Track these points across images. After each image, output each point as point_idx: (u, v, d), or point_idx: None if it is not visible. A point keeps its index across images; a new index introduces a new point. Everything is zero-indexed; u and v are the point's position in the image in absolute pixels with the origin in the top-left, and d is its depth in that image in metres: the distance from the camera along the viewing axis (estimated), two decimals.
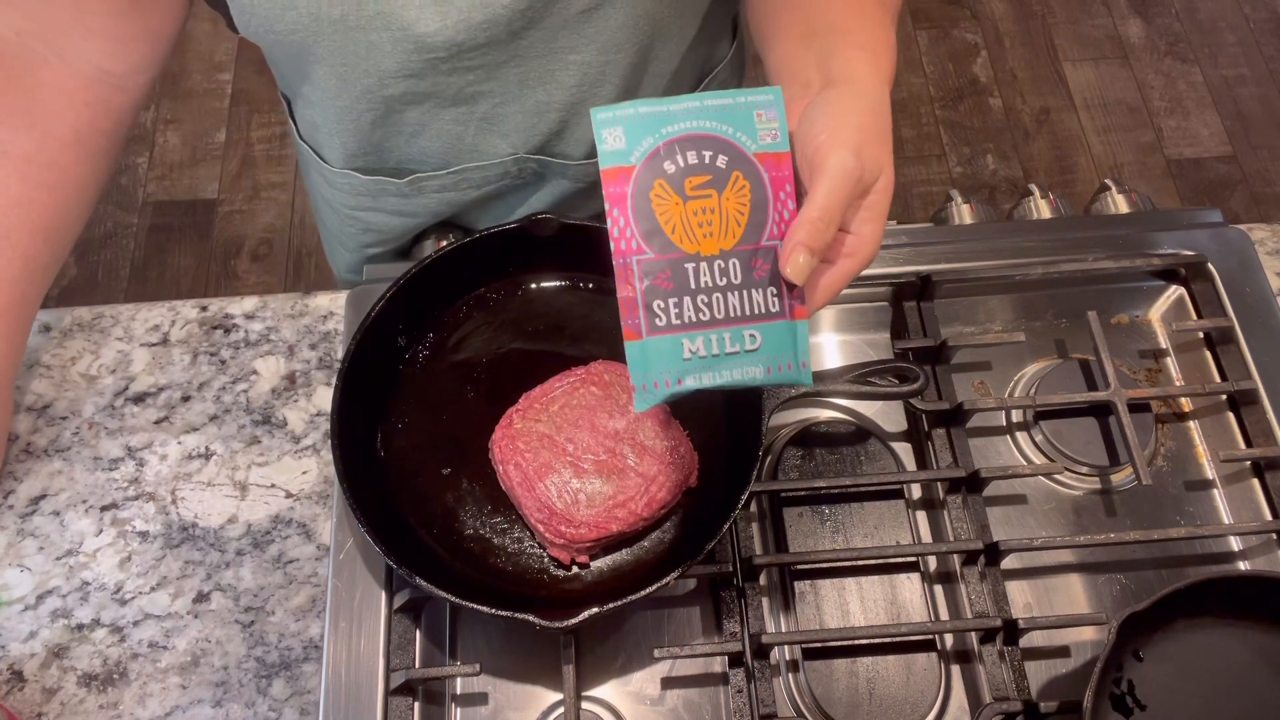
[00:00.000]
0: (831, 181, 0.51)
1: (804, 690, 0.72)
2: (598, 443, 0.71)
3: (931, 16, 2.46)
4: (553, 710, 0.71)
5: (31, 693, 0.72)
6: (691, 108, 0.51)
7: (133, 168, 2.19)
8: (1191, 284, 0.87)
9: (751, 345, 0.50)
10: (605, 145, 0.51)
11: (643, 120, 0.51)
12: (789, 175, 0.53)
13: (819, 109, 0.54)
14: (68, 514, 0.78)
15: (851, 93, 0.56)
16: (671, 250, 0.50)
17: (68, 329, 0.85)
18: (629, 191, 0.51)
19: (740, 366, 0.51)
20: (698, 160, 0.51)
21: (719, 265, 0.50)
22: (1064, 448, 0.80)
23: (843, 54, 0.59)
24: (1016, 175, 2.25)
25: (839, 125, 0.53)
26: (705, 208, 0.51)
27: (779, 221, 0.52)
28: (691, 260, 0.50)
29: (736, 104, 0.52)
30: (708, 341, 0.50)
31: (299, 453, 0.80)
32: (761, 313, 0.51)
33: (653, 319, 0.50)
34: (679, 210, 0.50)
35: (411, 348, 0.79)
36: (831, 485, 0.76)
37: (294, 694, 0.72)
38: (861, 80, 0.57)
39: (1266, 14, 2.46)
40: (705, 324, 0.50)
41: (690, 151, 0.51)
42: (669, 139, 0.51)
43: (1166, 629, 0.68)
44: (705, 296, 0.50)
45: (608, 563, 0.72)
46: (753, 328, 0.50)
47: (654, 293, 0.50)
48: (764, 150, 0.53)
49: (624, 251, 0.51)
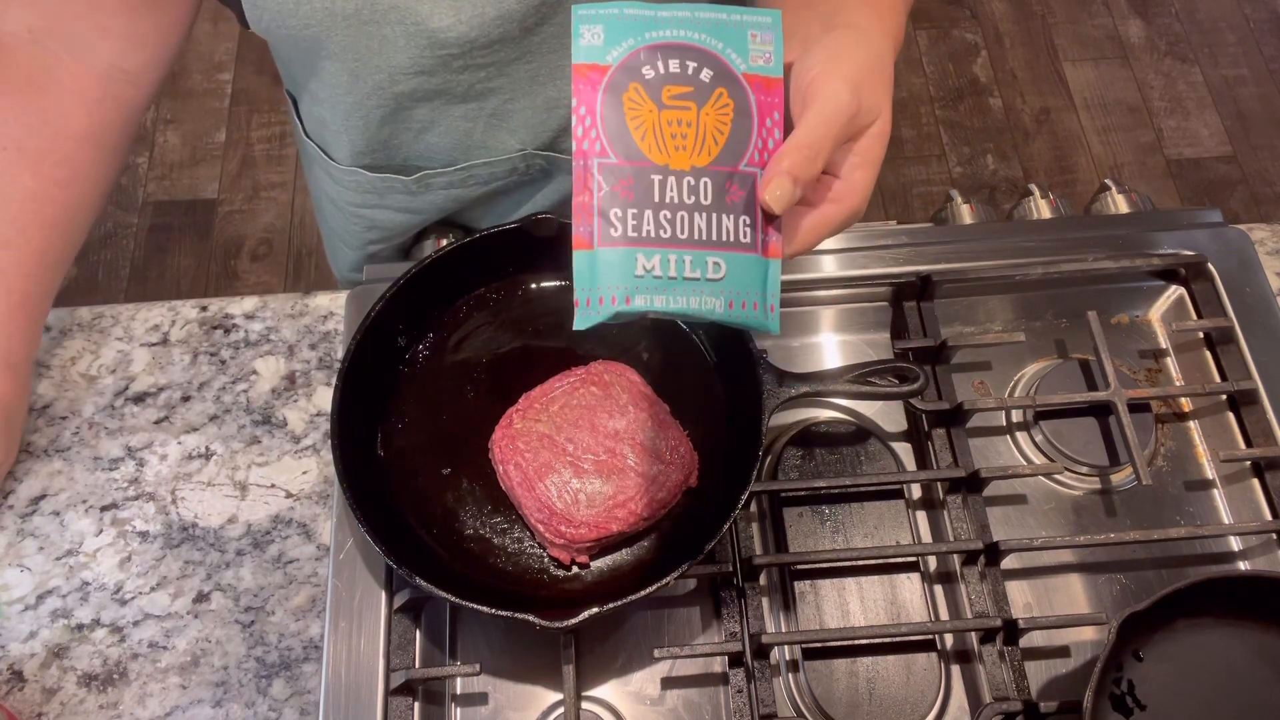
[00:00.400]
0: (823, 111, 0.49)
1: (804, 690, 0.72)
2: (598, 443, 0.71)
3: (931, 16, 2.46)
4: (553, 710, 0.71)
5: (31, 693, 0.72)
6: (681, 17, 0.48)
7: (133, 168, 2.19)
8: (1191, 284, 0.87)
9: (715, 274, 0.46)
10: (581, 40, 0.47)
11: (626, 21, 0.48)
12: (779, 103, 0.50)
13: (818, 47, 0.52)
14: (68, 514, 0.78)
15: (854, 36, 0.53)
16: (638, 158, 0.46)
17: (68, 329, 0.85)
18: (600, 89, 0.47)
19: (699, 295, 0.46)
20: (680, 70, 0.47)
21: (689, 181, 0.46)
22: (1064, 448, 0.80)
23: (847, 9, 0.57)
24: (1016, 175, 2.25)
25: (837, 60, 0.51)
26: (681, 119, 0.47)
27: (761, 149, 0.48)
28: (659, 172, 0.46)
29: (731, 20, 0.49)
30: (665, 261, 0.46)
31: (299, 453, 0.80)
32: (730, 240, 0.46)
33: (608, 228, 0.46)
34: (652, 117, 0.47)
35: (411, 348, 0.79)
36: (831, 485, 0.76)
37: (294, 694, 0.72)
38: (865, 28, 0.55)
39: (1266, 14, 2.46)
40: (665, 242, 0.46)
41: (673, 60, 0.48)
42: (652, 44, 0.48)
43: (1166, 629, 0.68)
44: (669, 212, 0.46)
45: (608, 563, 0.72)
46: (719, 255, 0.46)
47: (612, 200, 0.46)
48: (754, 72, 0.49)
49: (585, 152, 0.47)
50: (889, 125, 0.53)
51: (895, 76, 0.57)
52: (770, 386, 0.72)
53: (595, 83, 0.47)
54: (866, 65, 0.51)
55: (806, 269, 0.85)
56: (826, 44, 0.52)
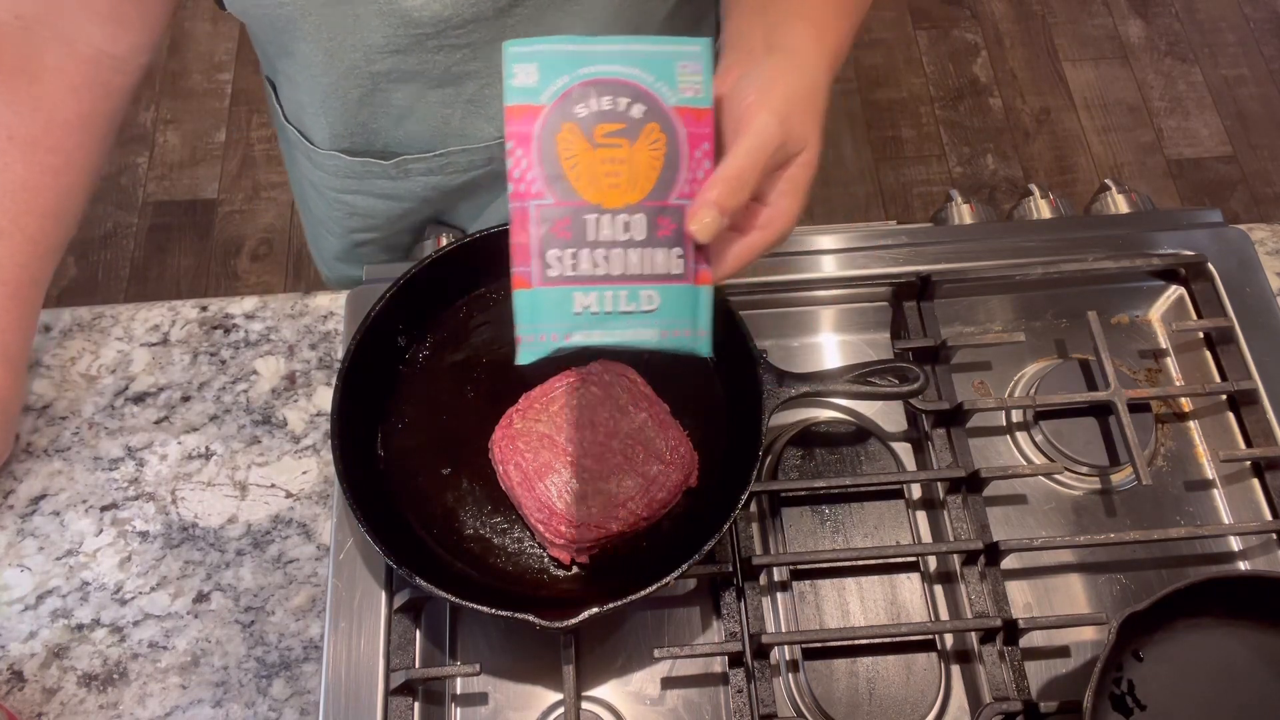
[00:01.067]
0: (751, 142, 0.50)
1: (804, 690, 0.72)
2: (598, 443, 0.71)
3: (931, 16, 2.46)
4: (553, 710, 0.71)
5: (31, 693, 0.72)
6: (613, 50, 0.49)
7: (133, 168, 2.19)
8: (1191, 284, 0.87)
9: (649, 306, 0.48)
10: (514, 80, 0.48)
11: (560, 58, 0.49)
12: (708, 134, 0.50)
13: (752, 74, 0.54)
14: (68, 514, 0.78)
15: (788, 62, 0.55)
16: (573, 198, 0.48)
17: (68, 329, 0.85)
18: (535, 131, 0.48)
19: (634, 327, 0.48)
20: (612, 106, 0.49)
21: (622, 219, 0.48)
22: (1064, 448, 0.80)
23: (789, 25, 0.59)
24: (1016, 175, 2.25)
25: (768, 90, 0.52)
26: (614, 158, 0.48)
27: (691, 180, 0.50)
28: (593, 211, 0.48)
29: (661, 52, 0.50)
30: (601, 297, 0.48)
31: (299, 453, 0.80)
32: (663, 273, 0.48)
33: (545, 268, 0.48)
34: (586, 157, 0.48)
35: (411, 348, 0.79)
36: (831, 485, 0.76)
37: (294, 694, 0.72)
38: (801, 52, 0.57)
39: (1266, 14, 2.46)
40: (601, 279, 0.48)
41: (606, 96, 0.49)
42: (585, 80, 0.49)
43: (1166, 629, 0.68)
44: (604, 250, 0.48)
45: (608, 563, 0.72)
46: (652, 288, 0.48)
47: (550, 241, 0.48)
48: (683, 104, 0.50)
49: (522, 195, 0.48)
50: (816, 154, 0.54)
51: (895, 77, 0.58)
52: (770, 386, 0.72)
53: (530, 124, 0.48)
54: (798, 94, 0.53)
55: (806, 269, 0.85)
56: (761, 71, 0.54)
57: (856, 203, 2.21)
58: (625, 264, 0.48)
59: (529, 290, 0.48)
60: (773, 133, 0.51)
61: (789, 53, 0.57)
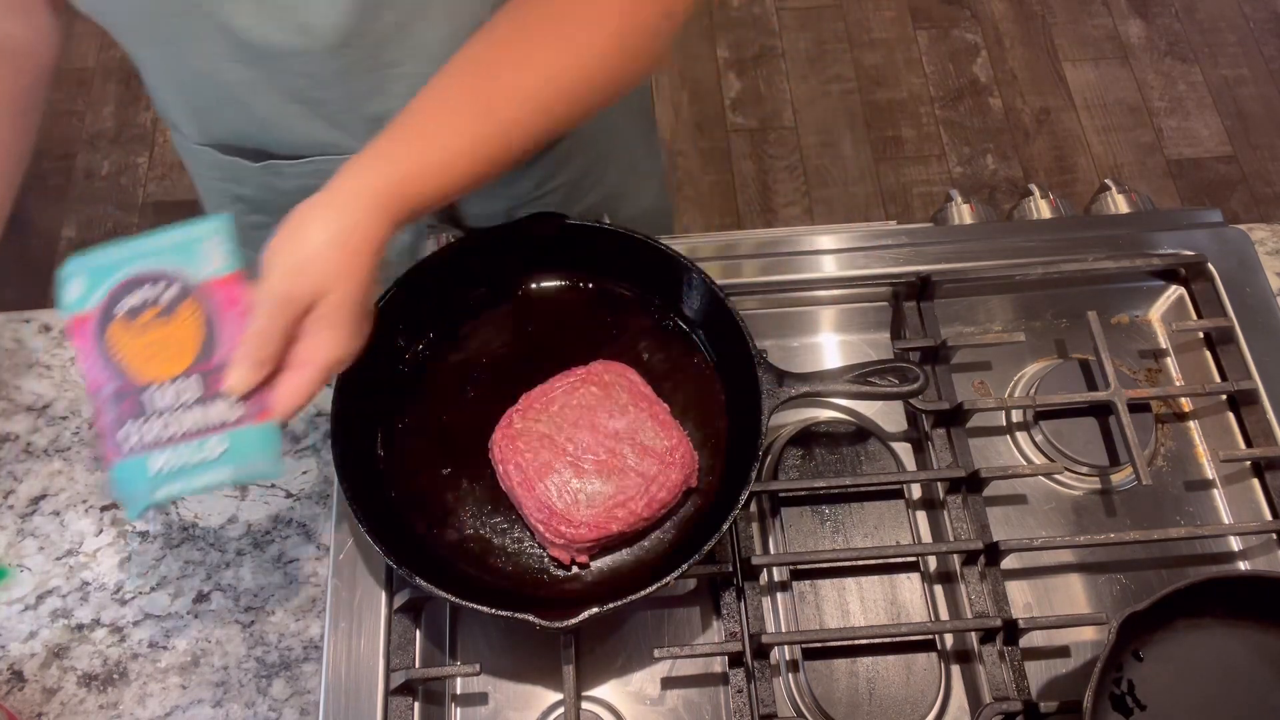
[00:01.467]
0: (265, 302, 0.57)
1: (804, 690, 0.72)
2: (598, 443, 0.71)
3: (931, 16, 2.46)
4: (553, 710, 0.71)
5: (31, 693, 0.72)
6: (143, 248, 0.58)
7: (133, 168, 2.19)
8: (1191, 284, 0.87)
9: (219, 450, 0.56)
10: (67, 296, 0.57)
11: (99, 268, 0.58)
12: (239, 295, 0.58)
13: (289, 219, 0.58)
14: (68, 514, 0.78)
15: (324, 206, 0.58)
16: (129, 381, 0.56)
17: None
18: (89, 334, 0.57)
19: (208, 472, 0.56)
20: (149, 296, 0.57)
21: (175, 388, 0.56)
22: (1064, 448, 0.80)
23: (370, 153, 0.60)
24: (1016, 175, 2.25)
25: (283, 245, 0.57)
26: (157, 338, 0.56)
27: (232, 339, 0.57)
28: (149, 387, 0.56)
29: (186, 238, 0.59)
30: (173, 456, 0.56)
31: (299, 453, 0.80)
32: (224, 422, 0.56)
33: (122, 444, 0.56)
34: (134, 343, 0.56)
35: (411, 348, 0.79)
36: (831, 485, 0.76)
37: (294, 694, 0.72)
38: (345, 193, 0.58)
39: (1266, 14, 2.46)
40: (169, 441, 0.56)
41: (142, 288, 0.57)
42: (123, 280, 0.58)
43: (1166, 629, 0.68)
44: (167, 417, 0.56)
45: (608, 563, 0.72)
46: (216, 437, 0.56)
47: (120, 421, 0.56)
48: (211, 276, 0.58)
49: (92, 387, 0.57)
50: (347, 291, 0.57)
51: (895, 77, 0.58)
52: (770, 386, 0.72)
53: (86, 328, 0.57)
54: (316, 245, 0.57)
55: (806, 269, 0.85)
56: (291, 218, 0.58)
57: (856, 203, 2.21)
58: (188, 423, 0.56)
59: (112, 465, 0.56)
60: (278, 293, 0.56)
61: (329, 193, 0.59)
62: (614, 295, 0.81)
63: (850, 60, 2.39)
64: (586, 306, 0.81)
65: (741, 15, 2.47)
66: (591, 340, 0.79)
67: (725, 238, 0.93)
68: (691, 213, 2.20)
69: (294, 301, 0.56)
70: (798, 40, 2.43)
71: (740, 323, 0.74)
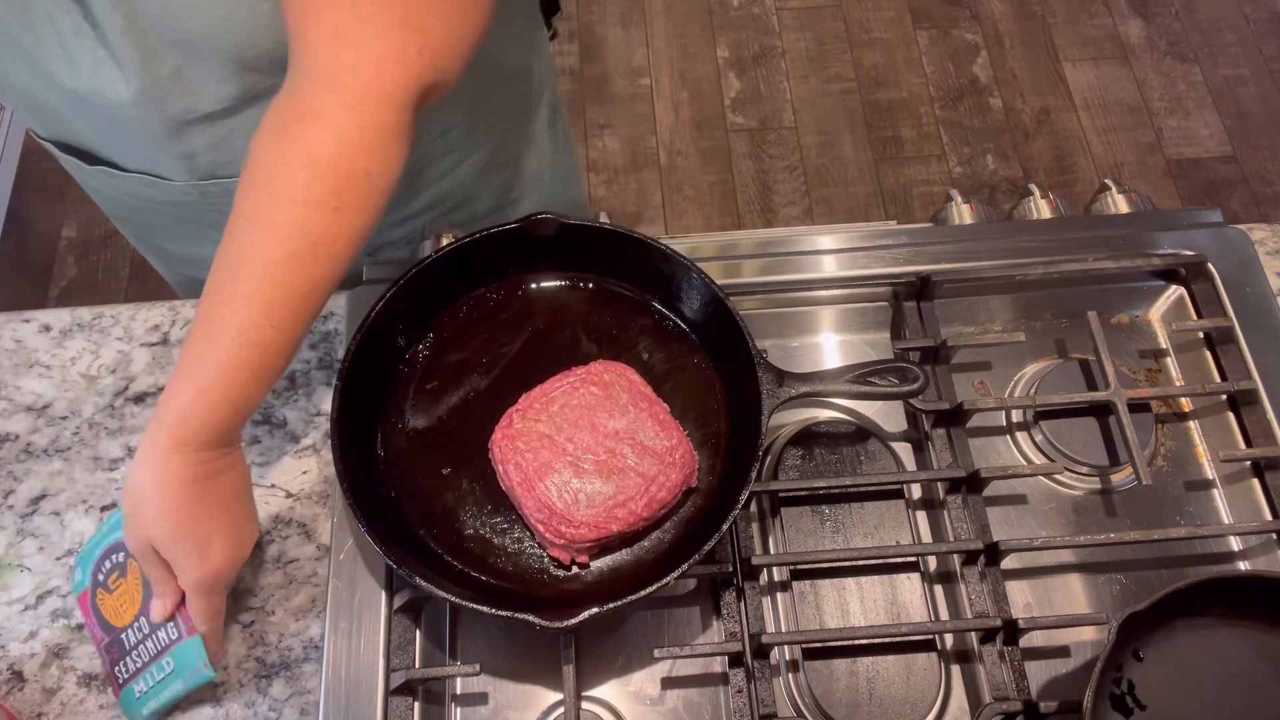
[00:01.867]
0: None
1: (804, 690, 0.72)
2: (598, 443, 0.71)
3: (931, 16, 2.46)
4: (553, 710, 0.71)
5: (31, 693, 0.72)
6: (105, 531, 0.72)
7: None
8: (1191, 284, 0.87)
9: (170, 668, 0.68)
10: (75, 580, 0.74)
11: (87, 553, 0.73)
12: None
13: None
14: (68, 514, 0.78)
15: (138, 462, 0.63)
16: (114, 630, 0.71)
17: (68, 329, 0.85)
18: (89, 605, 0.72)
19: (169, 685, 0.69)
20: (113, 563, 0.72)
21: (137, 626, 0.70)
22: (1064, 448, 0.80)
23: (162, 398, 0.63)
24: (1016, 175, 2.25)
25: (124, 498, 0.65)
26: (121, 592, 0.71)
27: None
28: (124, 631, 0.70)
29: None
30: (144, 679, 0.69)
31: (299, 453, 0.80)
32: (169, 643, 0.69)
33: (118, 679, 0.71)
34: (111, 601, 0.71)
35: (411, 348, 0.79)
36: (831, 485, 0.76)
37: (294, 694, 0.72)
38: (147, 442, 0.63)
39: (1266, 14, 2.46)
40: (140, 668, 0.70)
41: (110, 558, 0.72)
42: (99, 556, 0.72)
43: (1166, 629, 0.68)
44: (137, 650, 0.70)
45: (608, 563, 0.72)
46: (166, 656, 0.69)
47: (114, 662, 0.71)
48: None
49: (97, 644, 0.72)
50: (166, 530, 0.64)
51: (895, 77, 0.57)
52: (770, 386, 0.72)
53: (86, 602, 0.73)
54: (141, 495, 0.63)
55: (807, 269, 0.85)
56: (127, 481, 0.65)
57: (856, 203, 2.21)
58: (148, 651, 0.69)
59: (118, 699, 0.71)
60: (128, 541, 0.66)
61: (141, 444, 0.64)
62: (614, 295, 0.81)
63: (850, 60, 2.39)
64: (586, 306, 0.81)
65: (741, 15, 2.47)
66: (591, 340, 0.79)
67: (725, 238, 0.93)
68: (691, 213, 2.21)
69: (138, 547, 0.65)
70: (797, 40, 2.43)
71: (740, 323, 0.74)
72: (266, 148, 0.62)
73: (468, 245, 0.77)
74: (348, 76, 0.60)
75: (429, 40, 0.61)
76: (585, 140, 2.30)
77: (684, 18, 2.46)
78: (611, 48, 2.43)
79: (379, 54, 0.60)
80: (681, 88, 2.36)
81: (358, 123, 0.61)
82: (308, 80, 0.61)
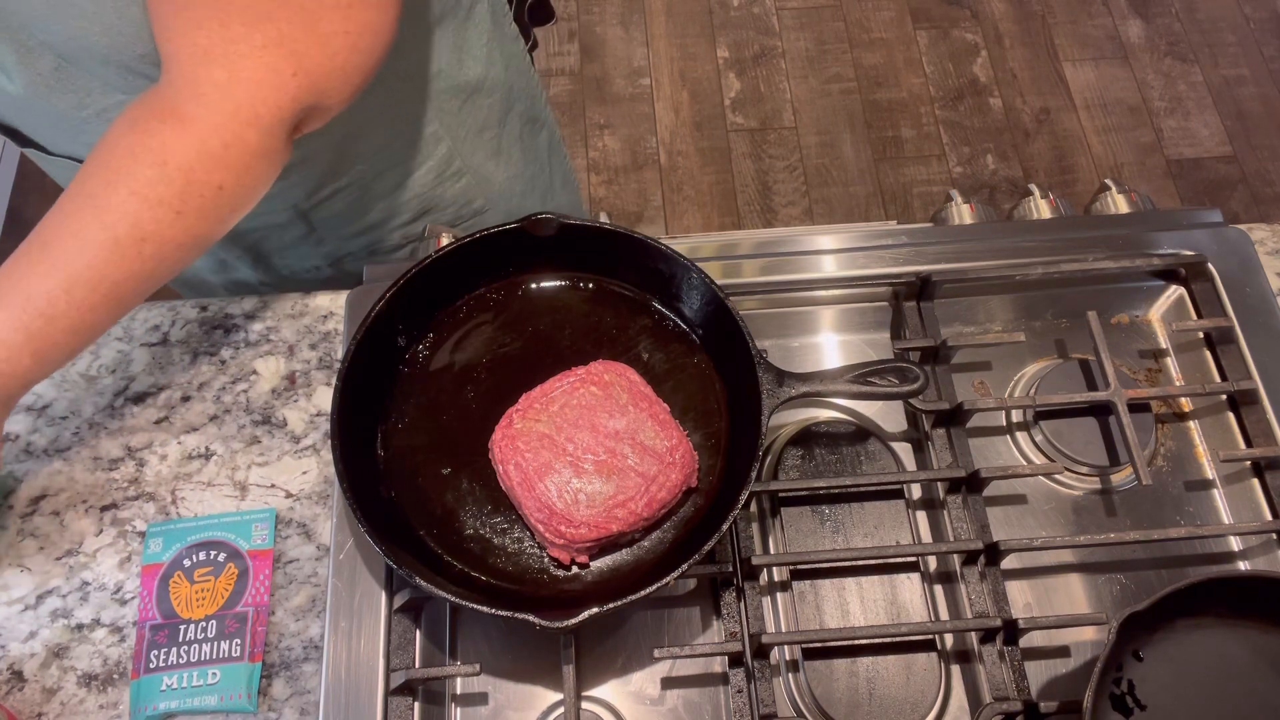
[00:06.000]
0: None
1: (804, 690, 0.72)
2: (598, 443, 0.71)
3: (931, 16, 2.46)
4: (553, 710, 0.71)
5: (31, 693, 0.72)
6: (212, 521, 0.76)
7: None
8: (1191, 284, 0.87)
9: (213, 680, 0.70)
10: (149, 549, 0.75)
11: (177, 531, 0.76)
12: (269, 565, 0.75)
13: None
14: (68, 514, 0.78)
15: None
16: (174, 616, 0.73)
17: None
18: (156, 578, 0.74)
19: (201, 695, 0.70)
20: (206, 557, 0.75)
21: (202, 625, 0.72)
22: (1064, 448, 0.80)
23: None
24: (1016, 175, 2.25)
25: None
26: (204, 587, 0.73)
27: (255, 594, 0.74)
28: (185, 622, 0.72)
29: (242, 520, 0.76)
30: (180, 678, 0.70)
31: (299, 453, 0.80)
32: (225, 657, 0.71)
33: (147, 663, 0.71)
34: (186, 590, 0.73)
35: (411, 348, 0.79)
36: (831, 485, 0.76)
37: (294, 694, 0.72)
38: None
39: (1266, 14, 2.46)
40: (182, 665, 0.71)
41: (203, 551, 0.75)
42: (191, 544, 0.75)
43: (1166, 629, 0.68)
44: (188, 646, 0.71)
45: (608, 563, 0.72)
46: (216, 667, 0.71)
47: (154, 645, 0.72)
48: (254, 548, 0.76)
49: (141, 618, 0.73)
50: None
51: (895, 77, 0.57)
52: (770, 386, 0.72)
53: (154, 574, 0.74)
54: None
55: (807, 269, 0.85)
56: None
57: (856, 203, 2.22)
58: (201, 654, 0.71)
59: (136, 680, 0.71)
60: None
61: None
62: (614, 295, 0.81)
63: (850, 60, 2.39)
64: (586, 306, 0.81)
65: (741, 15, 2.47)
66: (591, 340, 0.79)
67: (725, 238, 0.93)
68: (691, 213, 2.21)
69: None
70: (798, 40, 2.43)
71: (740, 323, 0.74)
72: (119, 134, 0.61)
73: (468, 245, 0.77)
74: (217, 95, 0.60)
75: (304, 63, 0.60)
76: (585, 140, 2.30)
77: (684, 18, 2.47)
78: (611, 48, 2.43)
79: (249, 75, 0.60)
80: (681, 88, 2.36)
81: (222, 139, 0.60)
82: (173, 89, 0.61)
